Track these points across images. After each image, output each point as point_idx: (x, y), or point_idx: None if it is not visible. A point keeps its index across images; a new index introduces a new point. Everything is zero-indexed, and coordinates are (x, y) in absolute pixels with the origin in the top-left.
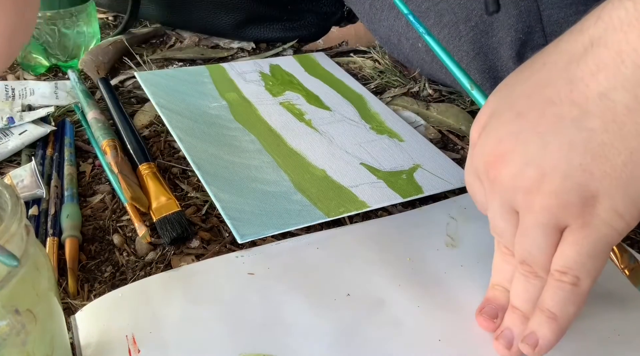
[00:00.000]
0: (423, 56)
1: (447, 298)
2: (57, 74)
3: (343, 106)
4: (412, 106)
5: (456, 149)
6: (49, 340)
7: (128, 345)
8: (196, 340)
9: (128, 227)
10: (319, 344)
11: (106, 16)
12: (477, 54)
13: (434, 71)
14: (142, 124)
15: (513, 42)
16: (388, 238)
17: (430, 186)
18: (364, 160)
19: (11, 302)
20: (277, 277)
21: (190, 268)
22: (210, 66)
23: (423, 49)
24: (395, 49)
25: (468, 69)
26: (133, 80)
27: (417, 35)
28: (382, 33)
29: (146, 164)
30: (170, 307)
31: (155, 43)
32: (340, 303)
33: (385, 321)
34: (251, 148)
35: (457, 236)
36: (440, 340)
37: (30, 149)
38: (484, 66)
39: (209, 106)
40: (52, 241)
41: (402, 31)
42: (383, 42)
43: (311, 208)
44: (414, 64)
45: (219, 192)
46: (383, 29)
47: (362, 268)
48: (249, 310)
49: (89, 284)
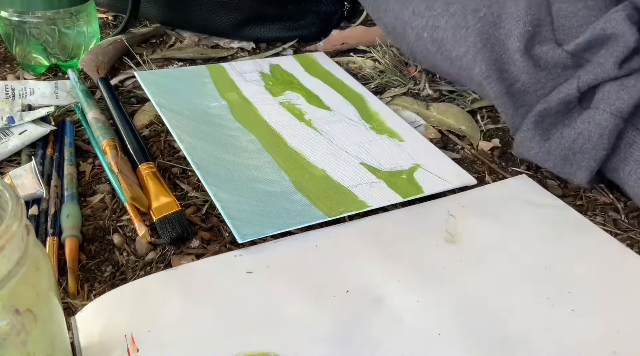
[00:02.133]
0: (428, 46)
1: (446, 293)
2: (57, 74)
3: (343, 106)
4: (412, 105)
5: (456, 149)
6: (49, 339)
7: (127, 344)
8: (195, 339)
9: (128, 227)
10: (318, 341)
11: (106, 16)
12: (484, 45)
13: (438, 61)
14: (142, 124)
15: (521, 35)
16: (387, 234)
17: (430, 185)
18: (364, 160)
19: (11, 302)
20: (276, 275)
21: (189, 267)
22: (210, 66)
23: (428, 39)
24: (399, 39)
25: (474, 61)
26: (133, 80)
27: (422, 25)
28: (387, 22)
29: (146, 164)
30: (169, 306)
31: (155, 43)
32: (339, 300)
33: (385, 317)
34: (251, 148)
35: (456, 232)
36: (440, 334)
37: (30, 149)
38: (491, 57)
39: (209, 106)
40: (52, 241)
41: (407, 20)
42: (387, 32)
43: (311, 208)
44: (418, 55)
45: (219, 192)
46: (388, 17)
47: (361, 265)
48: (248, 308)
49: (89, 284)
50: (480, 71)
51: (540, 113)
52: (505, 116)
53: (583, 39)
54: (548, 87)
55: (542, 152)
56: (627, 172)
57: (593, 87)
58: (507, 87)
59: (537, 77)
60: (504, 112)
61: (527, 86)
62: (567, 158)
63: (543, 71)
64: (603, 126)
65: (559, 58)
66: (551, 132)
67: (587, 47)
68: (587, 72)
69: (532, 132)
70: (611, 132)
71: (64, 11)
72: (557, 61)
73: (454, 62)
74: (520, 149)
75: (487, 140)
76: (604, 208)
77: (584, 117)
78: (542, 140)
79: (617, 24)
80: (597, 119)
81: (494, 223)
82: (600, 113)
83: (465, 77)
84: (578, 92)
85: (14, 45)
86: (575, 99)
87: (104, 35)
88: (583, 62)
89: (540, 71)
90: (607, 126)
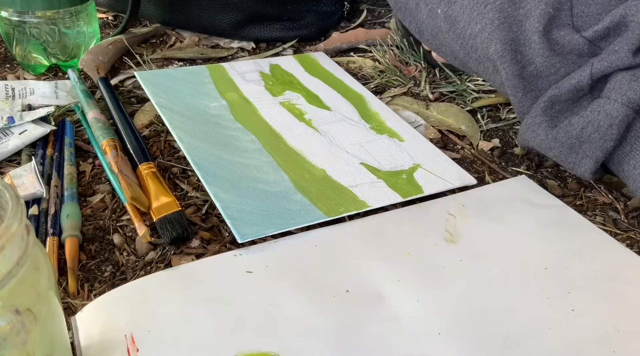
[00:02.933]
0: (440, 24)
1: (446, 293)
2: (57, 74)
3: (343, 106)
4: (412, 105)
5: (456, 149)
6: (49, 339)
7: (127, 344)
8: (195, 339)
9: (128, 227)
10: (318, 341)
11: (106, 16)
12: (501, 23)
13: (448, 41)
14: (142, 123)
15: (541, 16)
16: (387, 234)
17: (430, 185)
18: (364, 160)
19: (11, 302)
20: (276, 275)
21: (188, 267)
22: (210, 66)
23: (441, 16)
24: (410, 15)
25: (490, 39)
26: (133, 79)
27: (436, 0)
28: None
29: (146, 164)
30: (169, 306)
31: (155, 43)
32: (339, 300)
33: (385, 317)
34: (251, 148)
35: (456, 231)
36: (440, 333)
37: (30, 149)
38: (507, 37)
39: (209, 106)
40: (52, 241)
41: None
42: (397, 8)
43: (311, 208)
44: (426, 34)
45: (219, 192)
46: None
47: (361, 264)
48: (248, 308)
49: (89, 284)
50: (496, 50)
51: (550, 99)
52: (513, 99)
53: (602, 25)
54: (561, 72)
55: (548, 140)
56: (632, 166)
57: (605, 76)
58: (520, 69)
59: (552, 62)
60: (512, 95)
61: (540, 69)
62: (573, 147)
63: (558, 55)
64: (613, 116)
65: (576, 44)
66: (559, 119)
67: (605, 34)
68: (601, 59)
69: (540, 118)
70: (621, 122)
71: (64, 11)
72: (574, 46)
73: (466, 41)
74: (526, 135)
75: (487, 140)
76: (603, 208)
77: (594, 106)
78: (549, 127)
79: (637, 12)
80: (608, 109)
81: (494, 222)
82: (611, 103)
83: (476, 59)
84: (590, 79)
85: (14, 45)
86: (587, 86)
87: (104, 35)
88: (599, 50)
89: (556, 56)
90: (618, 116)
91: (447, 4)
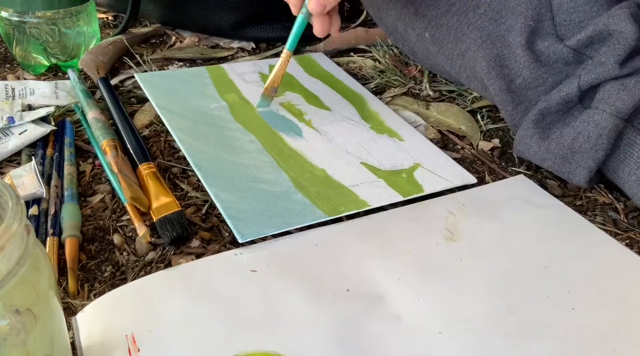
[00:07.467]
0: (429, 47)
1: (446, 291)
2: (57, 74)
3: (343, 106)
4: (412, 105)
5: (456, 149)
6: (49, 339)
7: (128, 344)
8: (195, 338)
9: (128, 227)
10: (319, 340)
11: (106, 16)
12: (484, 41)
13: (440, 62)
14: (142, 123)
15: (522, 29)
16: (387, 233)
17: (430, 184)
18: (364, 159)
19: (11, 302)
20: (276, 274)
21: (189, 266)
22: (210, 67)
23: (429, 39)
24: (400, 39)
25: (474, 58)
26: (133, 80)
27: (423, 25)
28: (388, 23)
29: (146, 164)
30: (170, 305)
31: (155, 43)
32: (340, 299)
33: (386, 316)
34: (251, 148)
35: (456, 230)
36: (441, 332)
37: (30, 149)
38: (491, 53)
39: (209, 107)
40: (52, 241)
41: (408, 21)
42: (389, 32)
43: (311, 208)
44: (419, 55)
45: (220, 192)
46: (390, 18)
47: (362, 263)
48: (249, 307)
49: (89, 284)
50: (481, 68)
51: (540, 111)
52: (505, 113)
53: (585, 34)
54: (549, 82)
55: (541, 151)
56: (626, 173)
57: (594, 86)
58: (508, 83)
59: (539, 73)
60: (503, 109)
61: (528, 81)
62: (565, 157)
63: (544, 66)
64: (602, 126)
65: (560, 53)
66: (551, 130)
67: (589, 42)
68: (588, 71)
69: (531, 131)
70: (610, 132)
71: (64, 11)
72: (559, 56)
73: (455, 61)
74: (520, 147)
75: (487, 140)
76: (603, 208)
77: (584, 117)
78: (541, 139)
79: (620, 21)
80: (597, 119)
81: (494, 221)
82: (600, 113)
83: (466, 77)
84: (579, 91)
85: (14, 45)
86: (576, 98)
87: (104, 35)
88: (585, 58)
89: (542, 66)
90: (607, 126)
91: (434, 27)
